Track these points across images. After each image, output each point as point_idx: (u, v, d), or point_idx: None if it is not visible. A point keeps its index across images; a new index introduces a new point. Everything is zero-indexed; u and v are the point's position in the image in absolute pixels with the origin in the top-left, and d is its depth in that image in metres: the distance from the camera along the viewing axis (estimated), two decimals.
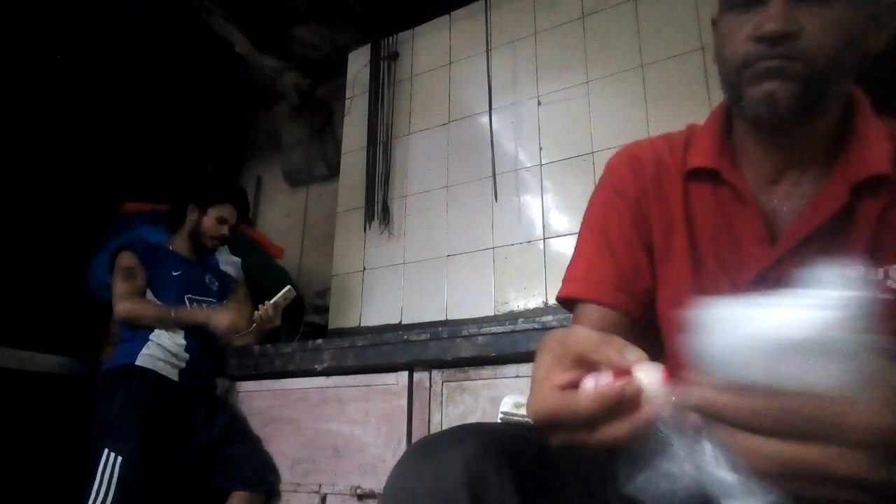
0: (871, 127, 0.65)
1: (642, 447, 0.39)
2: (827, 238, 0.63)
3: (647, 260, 0.72)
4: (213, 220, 1.93)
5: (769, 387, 0.34)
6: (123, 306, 1.74)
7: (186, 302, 1.85)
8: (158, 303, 1.79)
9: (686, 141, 0.76)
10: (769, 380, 0.34)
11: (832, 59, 0.58)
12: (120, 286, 1.77)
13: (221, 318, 1.78)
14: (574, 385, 0.40)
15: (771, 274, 0.64)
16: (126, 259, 1.82)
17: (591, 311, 0.70)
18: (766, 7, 0.59)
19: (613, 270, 0.71)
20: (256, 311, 1.91)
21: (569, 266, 0.76)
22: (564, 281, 0.74)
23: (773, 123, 0.62)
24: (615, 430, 0.38)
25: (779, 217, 0.66)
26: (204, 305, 1.90)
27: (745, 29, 0.61)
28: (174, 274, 1.86)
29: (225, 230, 1.96)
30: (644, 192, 0.73)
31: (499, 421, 1.23)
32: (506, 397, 1.22)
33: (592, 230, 0.75)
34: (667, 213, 0.72)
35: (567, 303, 0.74)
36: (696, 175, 0.71)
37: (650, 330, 0.73)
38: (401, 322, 2.15)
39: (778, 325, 0.35)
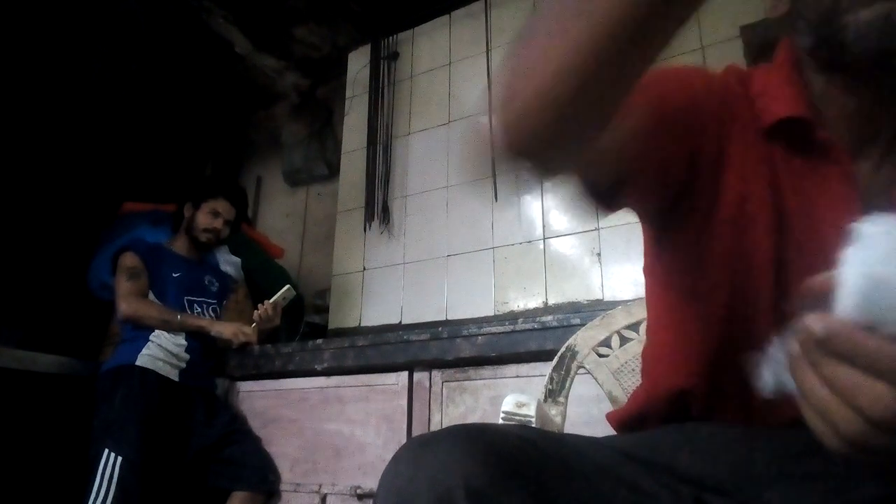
0: None
1: None
2: None
3: (680, 172, 0.56)
4: (205, 213, 1.94)
5: None
6: (129, 305, 1.74)
7: (186, 304, 1.85)
8: (163, 305, 1.79)
9: (742, 85, 0.61)
10: None
11: None
12: (124, 285, 1.77)
13: (225, 329, 1.80)
14: None
15: None
16: (130, 259, 1.82)
17: None
18: None
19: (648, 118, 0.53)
20: (256, 311, 1.91)
21: None
22: None
23: (882, 58, 0.48)
24: None
25: (874, 186, 0.54)
26: (204, 306, 1.90)
27: None
28: (174, 275, 1.86)
29: (218, 223, 1.95)
30: (725, 125, 0.58)
31: (500, 421, 1.23)
32: (507, 397, 1.22)
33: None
34: (742, 169, 0.58)
35: None
36: (780, 129, 0.57)
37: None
38: (401, 322, 2.14)
39: None
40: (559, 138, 0.44)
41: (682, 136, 0.57)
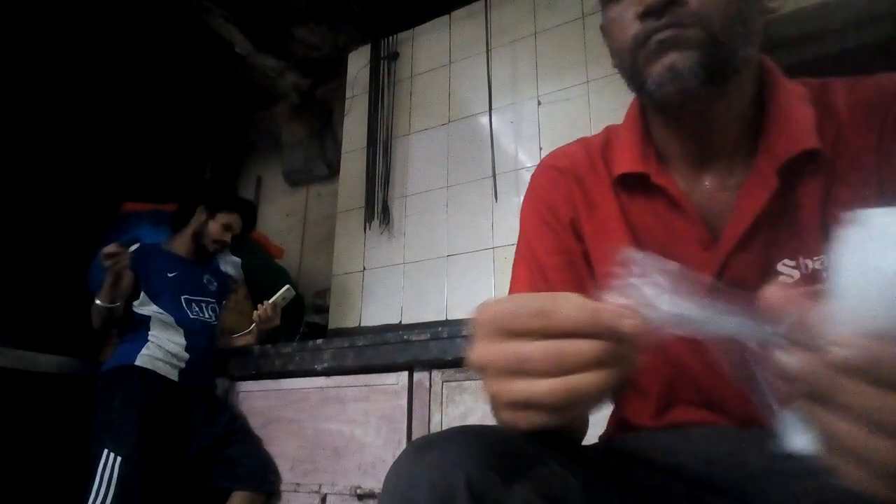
0: (790, 95, 0.60)
1: None
2: (772, 226, 0.57)
3: (588, 273, 0.68)
4: (219, 225, 1.93)
5: None
6: (93, 321, 1.74)
7: (183, 302, 1.85)
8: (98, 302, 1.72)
9: (604, 144, 0.71)
10: None
11: (727, 18, 0.54)
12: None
13: (106, 268, 1.64)
14: None
15: (724, 276, 0.58)
16: None
17: None
18: None
19: None
20: (255, 312, 1.91)
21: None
22: None
23: (683, 99, 0.56)
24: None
25: (716, 213, 0.61)
26: (203, 305, 1.90)
27: (630, 11, 0.57)
28: (170, 275, 1.85)
29: (227, 237, 1.96)
30: (574, 207, 0.69)
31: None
32: None
33: (524, 257, 0.71)
34: (602, 224, 0.67)
35: None
36: (626, 182, 0.66)
37: None
38: (401, 322, 2.14)
39: None
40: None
41: (572, 243, 0.69)
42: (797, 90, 0.61)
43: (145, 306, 1.78)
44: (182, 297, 1.85)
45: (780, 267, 0.57)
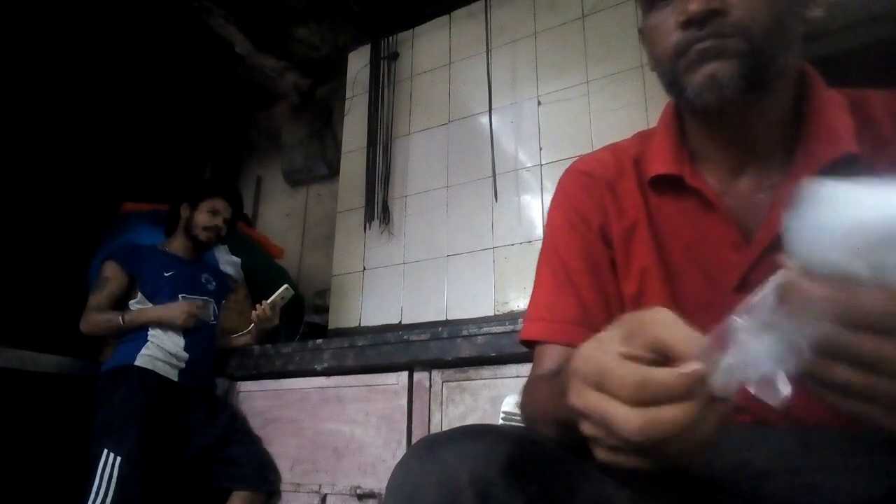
0: (830, 103, 0.61)
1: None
2: None
3: (614, 279, 0.68)
4: (204, 213, 1.93)
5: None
6: (84, 322, 1.76)
7: (181, 301, 1.85)
8: (109, 311, 1.76)
9: (637, 150, 0.72)
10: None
11: (768, 29, 0.55)
12: (90, 299, 1.78)
13: (175, 312, 1.73)
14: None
15: (752, 278, 0.59)
16: (105, 269, 1.82)
17: (554, 352, 0.65)
18: None
19: (575, 305, 0.66)
20: (254, 311, 1.91)
21: (530, 302, 0.72)
22: (526, 321, 0.70)
23: (721, 108, 0.57)
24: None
25: (750, 216, 0.61)
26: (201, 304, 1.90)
27: (671, 19, 0.58)
28: (166, 275, 1.85)
29: (218, 221, 1.94)
30: (604, 212, 0.70)
31: (500, 421, 1.23)
32: (507, 397, 1.22)
33: (550, 260, 0.71)
34: (628, 228, 0.68)
35: (530, 344, 0.69)
36: (659, 184, 0.66)
37: None
38: (401, 322, 2.14)
39: None
40: None
41: (602, 249, 0.69)
42: (836, 98, 0.61)
43: (143, 306, 1.79)
44: (180, 297, 1.84)
45: None
